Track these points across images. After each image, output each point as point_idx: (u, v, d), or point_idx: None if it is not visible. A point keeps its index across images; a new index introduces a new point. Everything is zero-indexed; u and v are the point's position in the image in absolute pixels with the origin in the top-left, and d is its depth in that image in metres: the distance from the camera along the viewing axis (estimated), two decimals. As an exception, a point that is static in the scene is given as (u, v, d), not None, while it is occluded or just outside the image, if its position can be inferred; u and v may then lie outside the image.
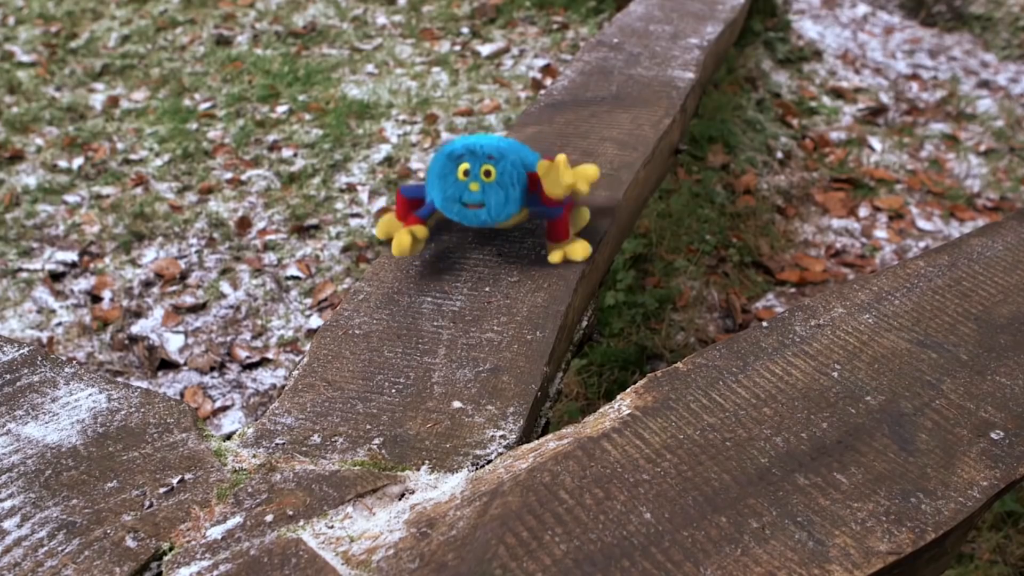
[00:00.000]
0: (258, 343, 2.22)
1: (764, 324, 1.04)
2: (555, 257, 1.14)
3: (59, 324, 2.31)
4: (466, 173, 1.04)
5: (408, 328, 1.07)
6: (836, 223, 2.70)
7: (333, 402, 0.97)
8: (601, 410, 0.92)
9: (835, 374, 0.96)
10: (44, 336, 2.24)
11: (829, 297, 1.09)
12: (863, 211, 2.76)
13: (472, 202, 1.05)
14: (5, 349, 1.09)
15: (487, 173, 1.02)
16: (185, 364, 2.16)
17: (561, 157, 1.09)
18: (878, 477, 0.84)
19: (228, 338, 2.24)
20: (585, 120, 1.62)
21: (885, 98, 3.54)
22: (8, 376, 1.05)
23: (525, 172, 1.05)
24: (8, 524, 0.86)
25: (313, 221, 2.68)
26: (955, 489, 0.83)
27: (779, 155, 3.02)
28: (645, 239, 2.48)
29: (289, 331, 2.24)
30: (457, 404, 0.95)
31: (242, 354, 2.17)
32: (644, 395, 0.94)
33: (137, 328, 2.28)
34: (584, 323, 1.19)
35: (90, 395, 1.02)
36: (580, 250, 1.14)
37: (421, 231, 1.09)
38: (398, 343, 1.05)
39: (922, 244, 2.61)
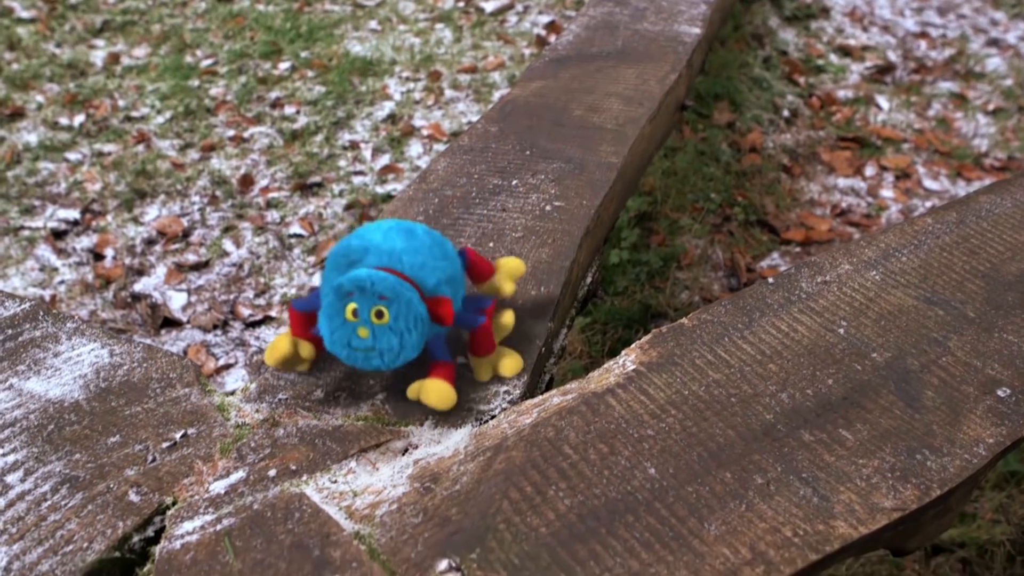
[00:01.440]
0: (261, 301, 2.22)
1: (770, 280, 1.03)
2: (483, 374, 0.92)
3: (62, 282, 2.30)
4: (355, 313, 0.83)
5: (411, 284, 1.06)
6: (842, 182, 2.68)
7: (335, 357, 0.97)
8: (605, 366, 0.92)
9: (841, 331, 0.96)
10: (47, 294, 2.23)
11: (836, 254, 1.08)
12: (869, 170, 2.74)
13: (361, 347, 0.84)
14: (7, 304, 1.09)
15: (379, 314, 0.82)
16: (188, 322, 2.15)
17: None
18: (884, 434, 0.83)
19: (231, 296, 2.23)
20: (590, 75, 1.60)
21: (893, 56, 3.50)
22: (10, 331, 1.04)
23: (425, 309, 0.84)
24: (11, 478, 0.86)
25: (316, 179, 2.67)
26: (961, 446, 0.83)
27: (785, 113, 2.99)
28: (650, 197, 2.46)
29: (292, 289, 2.24)
30: (461, 359, 0.95)
31: (245, 312, 2.17)
32: (649, 351, 0.93)
33: (140, 286, 2.27)
34: (588, 279, 1.18)
35: (92, 350, 1.01)
36: (510, 364, 0.93)
37: (307, 348, 0.90)
38: (401, 299, 1.04)
39: (928, 204, 2.60)
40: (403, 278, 0.84)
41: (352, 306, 0.82)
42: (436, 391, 0.85)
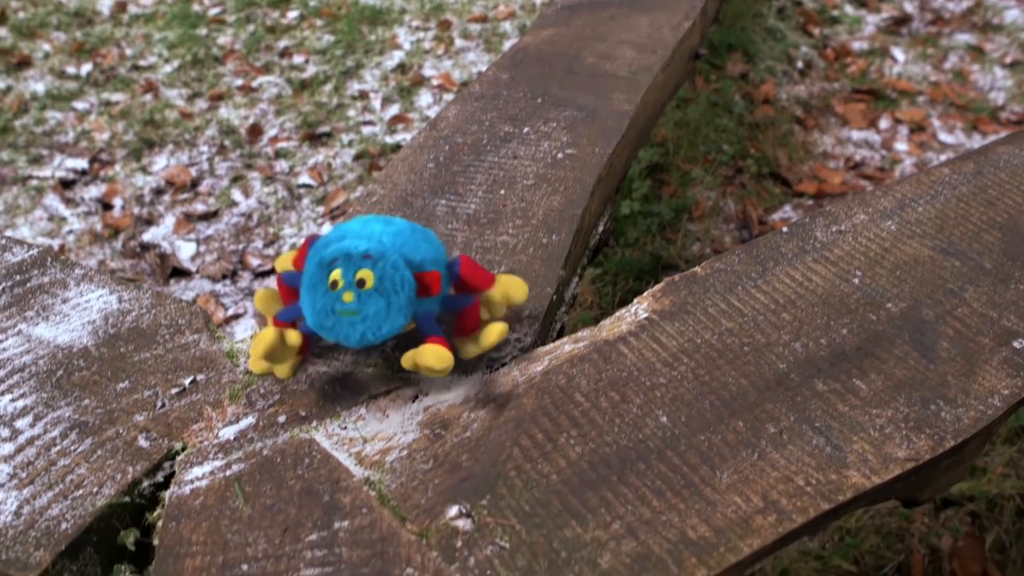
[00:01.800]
0: (270, 251, 2.21)
1: (784, 230, 1.02)
2: (469, 351, 0.85)
3: (70, 231, 2.30)
4: (339, 279, 0.78)
5: (422, 231, 1.06)
6: (856, 135, 2.65)
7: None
8: (617, 314, 0.91)
9: (856, 280, 0.95)
10: (55, 243, 2.23)
11: (851, 203, 1.06)
12: (884, 123, 2.71)
13: (347, 311, 0.78)
14: (15, 250, 1.08)
15: (361, 282, 0.77)
16: (197, 272, 2.15)
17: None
18: (898, 384, 0.83)
19: (240, 246, 2.23)
20: (603, 23, 1.58)
21: (909, 7, 3.45)
22: (18, 277, 1.03)
23: (412, 275, 0.80)
24: (20, 424, 0.86)
25: (325, 129, 2.65)
26: (976, 397, 0.82)
27: (799, 65, 2.96)
28: (662, 148, 2.44)
29: (301, 239, 2.23)
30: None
31: (254, 262, 2.16)
32: (661, 299, 0.92)
33: (148, 236, 2.27)
34: (600, 228, 1.17)
35: (101, 296, 1.01)
36: (496, 330, 0.84)
37: (293, 335, 0.83)
38: (411, 246, 1.03)
39: (943, 157, 2.57)
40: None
41: (336, 272, 0.77)
42: (433, 352, 0.79)
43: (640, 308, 0.91)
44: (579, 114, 1.27)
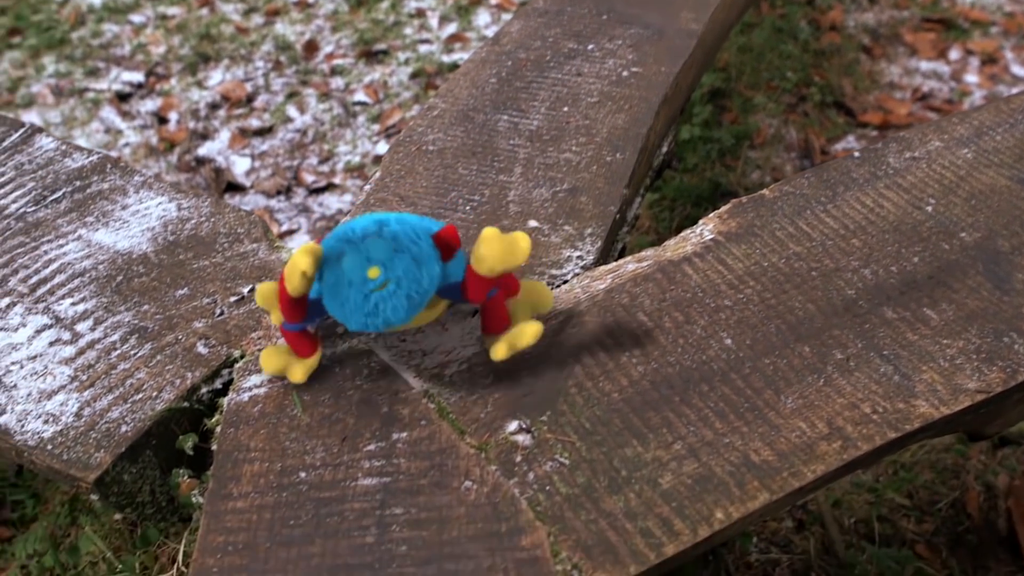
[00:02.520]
0: (325, 168, 2.20)
1: (856, 154, 0.99)
2: (500, 352, 0.74)
3: (126, 144, 2.30)
4: (354, 267, 0.69)
5: (483, 146, 1.04)
6: (924, 65, 2.57)
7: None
8: (682, 234, 0.89)
9: (929, 208, 0.92)
10: (112, 156, 2.23)
11: (926, 130, 1.03)
12: (954, 54, 2.63)
13: (377, 284, 0.68)
14: (74, 156, 1.08)
15: (376, 255, 0.69)
16: (252, 187, 2.15)
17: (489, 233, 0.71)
18: (970, 315, 0.80)
19: (294, 162, 2.22)
20: (671, -61, 1.53)
21: (985, -67, 3.32)
22: (78, 183, 1.03)
23: (428, 235, 0.71)
24: (81, 327, 0.86)
25: (381, 46, 2.62)
26: (1052, 329, 0.79)
27: (868, -9, 2.86)
28: (724, 73, 2.39)
29: (356, 157, 2.22)
30: (533, 223, 0.93)
31: (309, 178, 2.15)
32: (728, 220, 0.90)
33: (204, 150, 2.26)
34: (664, 149, 1.15)
35: (160, 203, 1.00)
36: (531, 332, 0.73)
37: (314, 363, 0.76)
38: (473, 160, 1.02)
39: (1015, 90, 2.49)
40: None
41: (347, 262, 0.69)
42: (531, 330, 0.72)
43: (706, 229, 0.89)
44: (645, 32, 1.24)
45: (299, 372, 0.76)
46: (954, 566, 1.21)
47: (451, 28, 2.70)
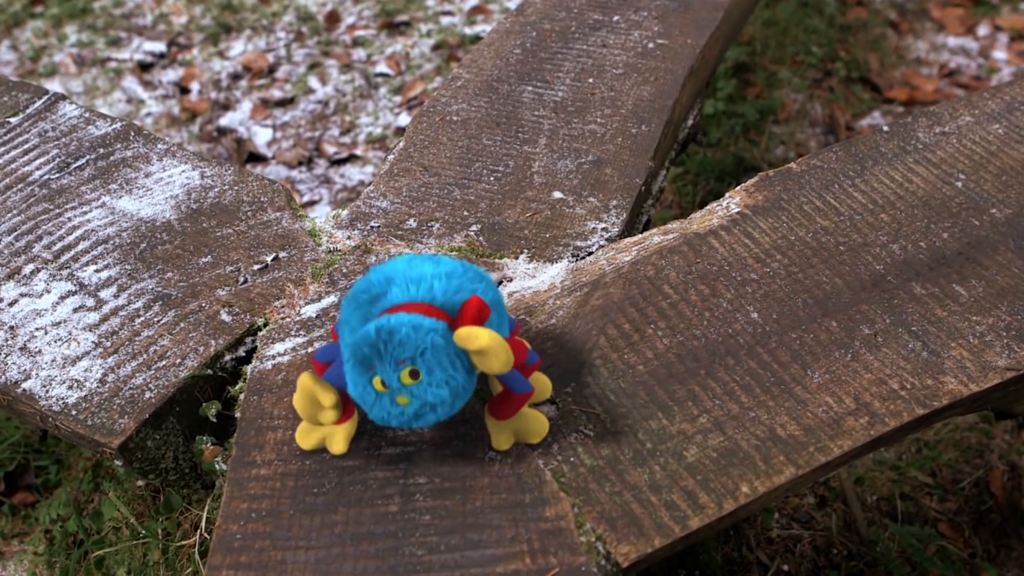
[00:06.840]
0: (346, 139, 2.19)
1: (885, 129, 0.98)
2: (502, 442, 0.69)
3: (148, 114, 2.30)
4: (384, 383, 0.66)
5: (508, 116, 1.03)
6: (952, 41, 2.54)
7: (429, 187, 0.94)
8: (708, 207, 0.88)
9: (959, 184, 0.90)
10: (135, 124, 2.23)
11: (956, 105, 1.01)
12: (982, 30, 2.59)
13: (410, 414, 0.66)
14: (98, 124, 1.08)
15: (413, 374, 0.66)
16: (273, 158, 2.15)
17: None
18: (1000, 292, 0.79)
19: (316, 133, 2.21)
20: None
21: (1016, -93, 3.27)
22: (102, 150, 1.03)
23: (457, 347, 0.66)
24: (105, 294, 0.86)
25: (403, 17, 2.61)
26: (1084, 307, 0.78)
27: (896, -35, 2.83)
28: (748, 48, 2.36)
29: (378, 128, 2.21)
30: (558, 194, 0.92)
31: (330, 150, 2.15)
32: (754, 193, 0.89)
33: (225, 120, 2.26)
34: (690, 122, 1.13)
35: (183, 172, 1.00)
36: (538, 427, 0.70)
37: (352, 427, 0.71)
38: (497, 131, 1.01)
39: (1043, 66, 2.45)
40: (433, 311, 0.68)
41: (376, 380, 0.66)
42: (537, 423, 0.70)
43: (732, 202, 0.88)
44: (671, 4, 1.22)
45: (340, 442, 0.70)
46: (977, 545, 1.21)
47: (473, 0, 2.68)
